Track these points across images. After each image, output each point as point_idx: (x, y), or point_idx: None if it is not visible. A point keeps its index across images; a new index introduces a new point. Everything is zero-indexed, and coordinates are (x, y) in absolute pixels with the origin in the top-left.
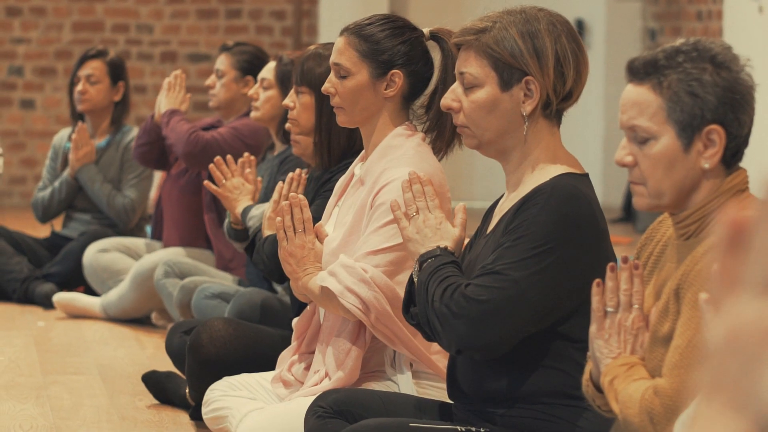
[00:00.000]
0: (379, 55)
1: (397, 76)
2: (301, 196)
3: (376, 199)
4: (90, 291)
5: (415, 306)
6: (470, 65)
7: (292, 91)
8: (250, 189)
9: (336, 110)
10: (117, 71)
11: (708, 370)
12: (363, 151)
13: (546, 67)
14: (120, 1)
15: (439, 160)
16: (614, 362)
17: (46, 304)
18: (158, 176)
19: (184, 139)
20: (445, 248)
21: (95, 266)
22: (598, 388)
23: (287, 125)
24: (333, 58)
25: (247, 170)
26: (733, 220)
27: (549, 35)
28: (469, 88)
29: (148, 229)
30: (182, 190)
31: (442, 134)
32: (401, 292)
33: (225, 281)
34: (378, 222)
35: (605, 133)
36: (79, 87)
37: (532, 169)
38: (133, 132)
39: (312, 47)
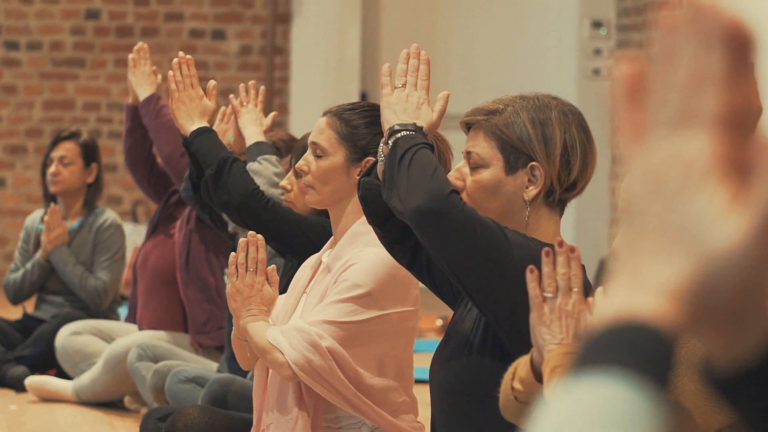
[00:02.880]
0: (358, 140)
1: (372, 164)
2: (260, 236)
3: (341, 276)
4: (62, 374)
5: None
6: (478, 145)
7: (290, 173)
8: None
9: (306, 188)
10: (90, 153)
11: (630, 223)
12: (332, 238)
13: (553, 155)
14: (91, 79)
15: None
16: (558, 350)
17: (18, 387)
18: (130, 254)
19: (173, 138)
20: (420, 128)
21: (68, 349)
22: (539, 378)
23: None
24: (312, 137)
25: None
26: (626, 72)
27: (559, 124)
28: (474, 168)
29: (121, 311)
30: (156, 262)
31: None
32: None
33: (199, 365)
34: (339, 296)
35: (576, 211)
36: (51, 169)
37: None
38: (106, 214)
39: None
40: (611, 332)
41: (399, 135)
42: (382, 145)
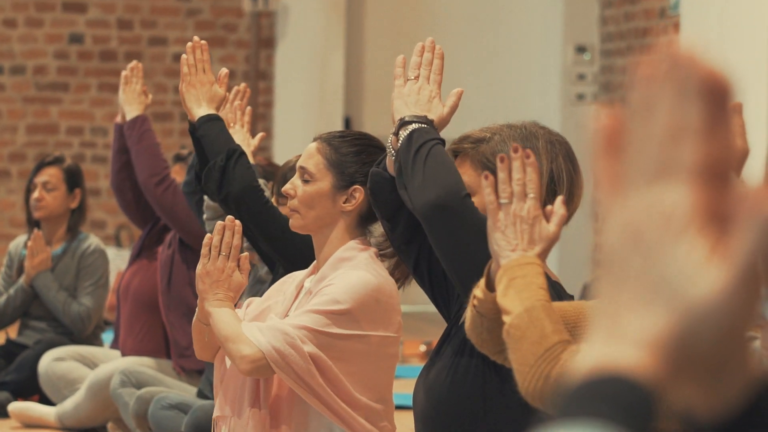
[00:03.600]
0: (345, 168)
1: (359, 192)
2: (238, 222)
3: (322, 290)
4: (45, 400)
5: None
6: (465, 173)
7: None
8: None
9: (291, 213)
10: (73, 178)
11: (609, 274)
12: (314, 263)
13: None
14: (74, 103)
15: (399, 288)
16: (516, 260)
17: (1, 413)
18: (114, 279)
19: (152, 165)
20: (431, 121)
21: (51, 375)
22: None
23: None
24: (300, 161)
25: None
26: (603, 124)
27: (546, 153)
28: None
29: (104, 337)
30: (138, 286)
31: (402, 263)
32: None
33: (183, 392)
34: (317, 307)
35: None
36: (35, 194)
37: None
38: (89, 240)
39: (293, 158)
40: (590, 384)
41: (413, 126)
42: (391, 136)
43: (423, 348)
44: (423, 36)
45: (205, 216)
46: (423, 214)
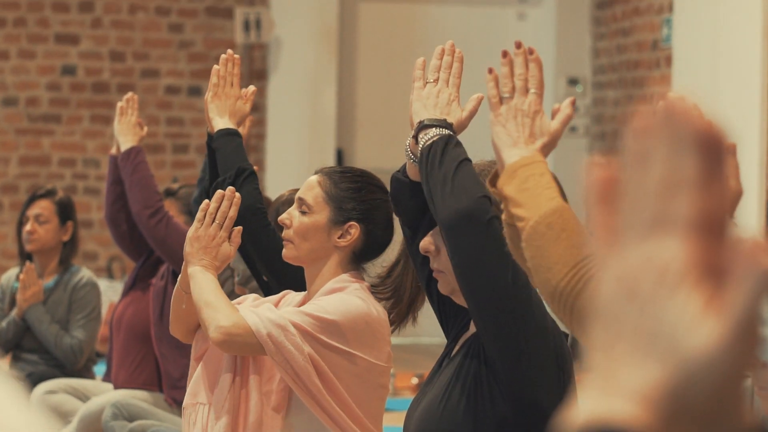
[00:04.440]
0: (343, 203)
1: (354, 229)
2: (238, 194)
3: (311, 301)
4: None
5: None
6: None
7: None
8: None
9: (285, 242)
10: (66, 211)
11: (603, 326)
12: (305, 293)
13: None
14: (67, 135)
15: (392, 332)
16: (521, 160)
17: None
18: (105, 310)
19: (146, 196)
20: (450, 124)
21: (43, 408)
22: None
23: None
24: (300, 192)
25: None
26: (599, 176)
27: None
28: None
29: (97, 369)
30: (131, 318)
31: (398, 305)
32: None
33: (174, 425)
34: (306, 309)
35: None
36: (27, 227)
37: None
38: (81, 272)
39: (286, 193)
40: None
41: (433, 131)
42: (409, 139)
43: (415, 381)
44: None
45: None
46: (448, 221)
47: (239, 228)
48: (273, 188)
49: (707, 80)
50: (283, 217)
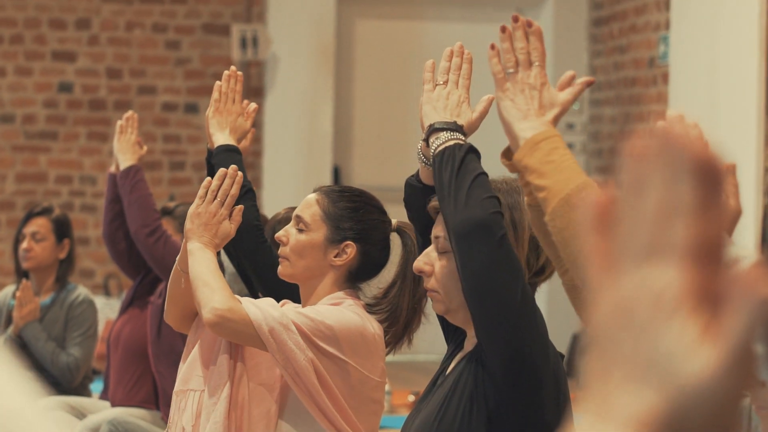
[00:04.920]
0: (340, 222)
1: (350, 248)
2: (240, 172)
3: (318, 306)
4: None
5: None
6: (445, 230)
7: None
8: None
9: (281, 259)
10: (62, 228)
11: (599, 353)
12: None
13: (521, 239)
14: (64, 152)
15: (387, 354)
16: (536, 136)
17: None
18: (102, 327)
19: (144, 215)
20: (461, 126)
21: None
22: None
23: None
24: (298, 210)
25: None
26: (596, 201)
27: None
28: (442, 252)
29: (93, 387)
30: (128, 336)
31: (394, 326)
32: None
33: None
34: (308, 312)
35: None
36: (24, 244)
37: None
38: (78, 290)
39: (282, 211)
40: None
41: (445, 135)
42: (421, 142)
43: (411, 398)
44: (412, 87)
45: None
46: (461, 229)
47: (240, 207)
48: (270, 205)
49: (704, 98)
50: (280, 234)
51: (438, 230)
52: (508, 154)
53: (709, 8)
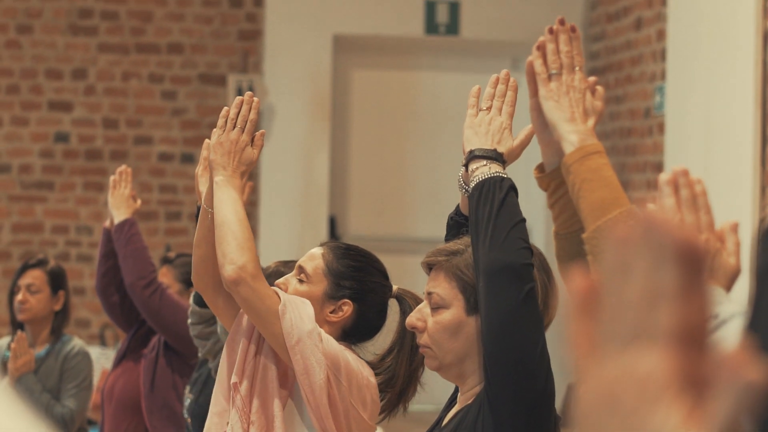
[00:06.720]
0: (341, 279)
1: (347, 306)
2: (256, 98)
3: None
4: None
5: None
6: (439, 286)
7: None
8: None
9: None
10: (57, 280)
11: None
12: None
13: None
14: (60, 202)
15: (379, 422)
16: (583, 149)
17: None
18: (98, 377)
19: (140, 268)
20: (501, 154)
21: None
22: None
23: None
24: (301, 261)
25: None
26: (580, 286)
27: None
28: (435, 308)
29: None
30: (122, 390)
31: (389, 393)
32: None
33: None
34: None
35: None
36: (19, 296)
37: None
38: (73, 342)
39: (272, 264)
40: None
41: (483, 166)
42: (462, 168)
43: None
44: (408, 135)
45: (189, 321)
46: (493, 268)
47: (263, 131)
48: (266, 255)
49: (700, 148)
50: (280, 282)
51: (431, 286)
52: (541, 167)
53: (705, 59)
